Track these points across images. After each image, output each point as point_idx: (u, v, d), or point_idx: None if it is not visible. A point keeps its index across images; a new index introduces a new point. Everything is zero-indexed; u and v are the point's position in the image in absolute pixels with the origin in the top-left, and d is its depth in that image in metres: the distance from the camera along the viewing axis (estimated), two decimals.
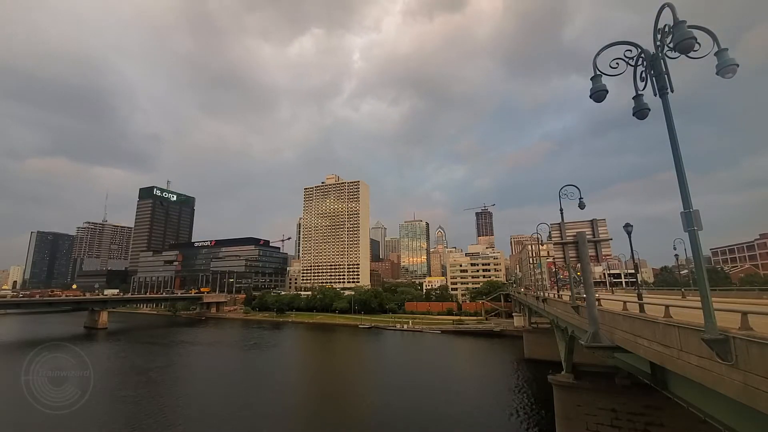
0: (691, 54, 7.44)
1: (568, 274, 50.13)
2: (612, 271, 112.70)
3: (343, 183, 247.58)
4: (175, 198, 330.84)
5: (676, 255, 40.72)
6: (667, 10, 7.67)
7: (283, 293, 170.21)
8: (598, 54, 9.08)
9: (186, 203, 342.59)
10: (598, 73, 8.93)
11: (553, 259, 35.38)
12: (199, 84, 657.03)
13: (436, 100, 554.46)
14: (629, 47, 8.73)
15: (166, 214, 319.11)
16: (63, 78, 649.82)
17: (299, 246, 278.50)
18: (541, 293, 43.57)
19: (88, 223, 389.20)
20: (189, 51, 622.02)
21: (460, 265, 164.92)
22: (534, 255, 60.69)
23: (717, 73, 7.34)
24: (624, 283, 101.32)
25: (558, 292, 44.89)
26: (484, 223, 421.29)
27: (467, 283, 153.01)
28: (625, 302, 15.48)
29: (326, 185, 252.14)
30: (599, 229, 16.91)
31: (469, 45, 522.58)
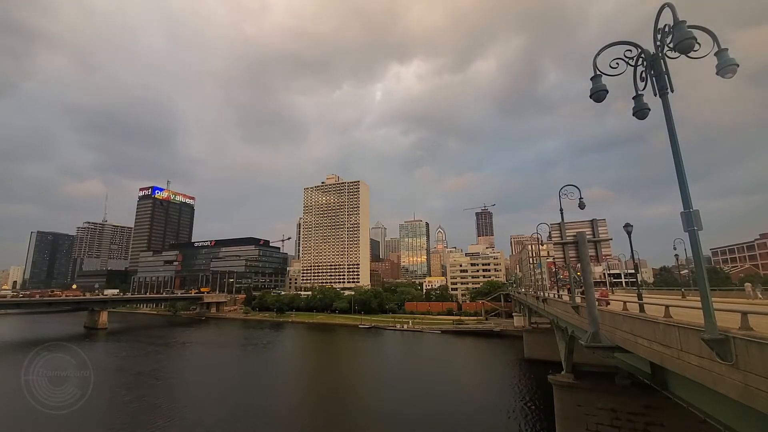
0: (691, 54, 7.44)
1: (568, 274, 50.10)
2: (612, 271, 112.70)
3: (343, 183, 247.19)
4: (175, 198, 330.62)
5: (676, 255, 40.71)
6: (666, 10, 7.68)
7: (283, 293, 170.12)
8: (598, 54, 9.06)
9: (186, 203, 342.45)
10: (598, 73, 8.92)
11: (553, 259, 35.35)
12: (244, 122, 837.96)
13: (440, 130, 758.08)
14: (629, 47, 8.73)
15: (166, 214, 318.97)
16: (136, 115, 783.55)
17: (299, 246, 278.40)
18: (541, 293, 43.56)
19: (88, 223, 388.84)
20: (242, 100, 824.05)
21: (460, 265, 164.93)
22: (534, 255, 60.66)
23: (717, 73, 7.32)
24: (624, 283, 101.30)
25: (558, 291, 44.88)
26: (484, 223, 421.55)
27: (467, 283, 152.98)
28: (625, 302, 15.49)
29: (326, 185, 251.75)
30: (599, 229, 16.91)
31: (470, 92, 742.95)
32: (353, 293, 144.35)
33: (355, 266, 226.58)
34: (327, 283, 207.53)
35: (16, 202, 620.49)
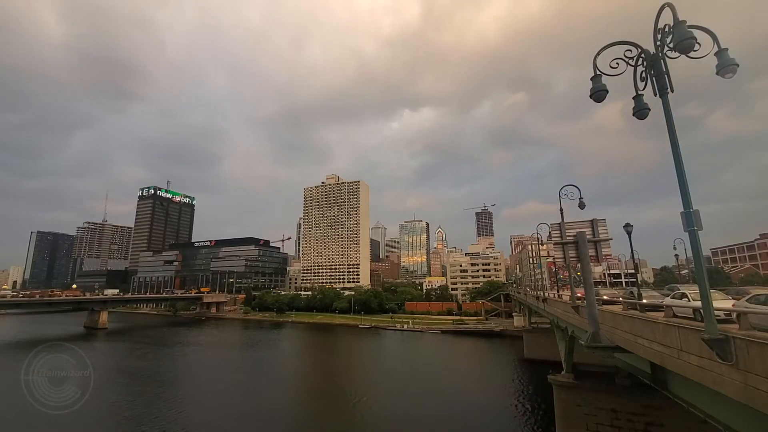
0: (691, 54, 7.43)
1: (568, 274, 50.14)
2: (612, 271, 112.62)
3: (343, 183, 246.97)
4: (174, 197, 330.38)
5: (676, 255, 40.75)
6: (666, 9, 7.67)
7: (283, 293, 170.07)
8: (598, 53, 9.05)
9: (186, 203, 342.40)
10: (598, 73, 8.91)
11: (553, 259, 35.35)
12: (277, 150, 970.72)
13: (443, 155, 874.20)
14: (629, 47, 8.72)
15: (166, 214, 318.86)
16: (194, 145, 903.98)
17: (299, 246, 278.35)
18: (541, 293, 43.58)
19: (88, 223, 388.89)
20: (280, 134, 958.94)
21: (460, 265, 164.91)
22: (534, 255, 60.66)
23: (717, 73, 7.31)
24: (624, 283, 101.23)
25: (558, 291, 44.92)
26: (484, 223, 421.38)
27: (467, 283, 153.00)
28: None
29: (326, 185, 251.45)
30: (599, 229, 16.89)
31: (469, 128, 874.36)
32: (353, 293, 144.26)
33: (355, 266, 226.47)
34: (327, 283, 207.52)
35: (58, 210, 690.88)
